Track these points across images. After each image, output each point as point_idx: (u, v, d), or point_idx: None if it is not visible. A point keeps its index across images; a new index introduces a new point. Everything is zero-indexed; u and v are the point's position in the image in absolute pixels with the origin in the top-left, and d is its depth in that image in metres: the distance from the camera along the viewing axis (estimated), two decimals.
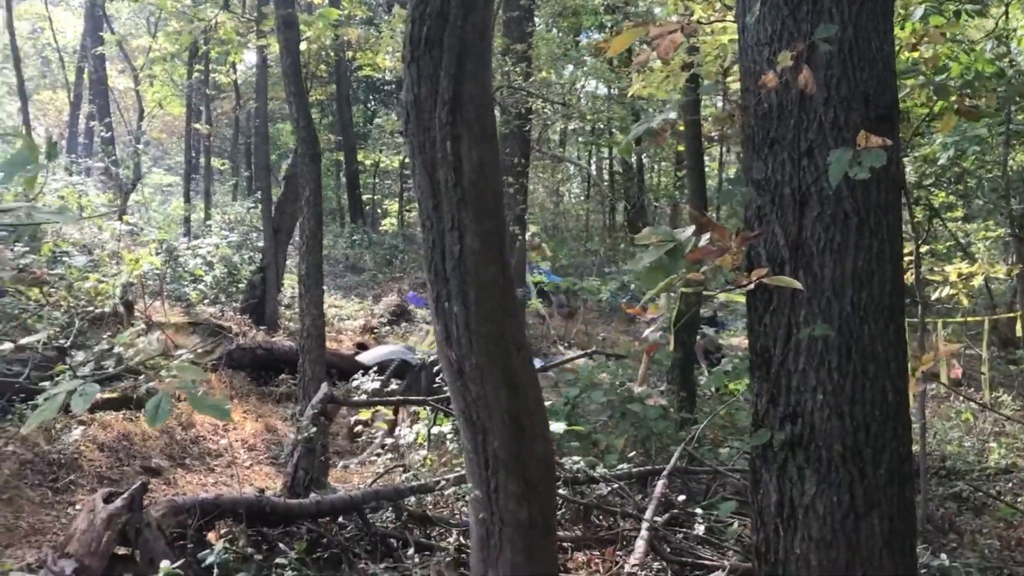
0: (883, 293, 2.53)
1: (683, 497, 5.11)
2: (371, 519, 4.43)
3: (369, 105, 26.90)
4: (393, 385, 6.07)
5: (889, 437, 2.54)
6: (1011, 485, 6.85)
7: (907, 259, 5.26)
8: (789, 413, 2.57)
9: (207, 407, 2.06)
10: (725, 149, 20.75)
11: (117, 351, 5.42)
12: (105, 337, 7.15)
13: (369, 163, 25.26)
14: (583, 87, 17.36)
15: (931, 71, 4.34)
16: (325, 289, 14.54)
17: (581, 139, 24.69)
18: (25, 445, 5.48)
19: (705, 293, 3.03)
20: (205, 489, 5.47)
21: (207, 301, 11.66)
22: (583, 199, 26.90)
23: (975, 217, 13.27)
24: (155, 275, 10.38)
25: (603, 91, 20.03)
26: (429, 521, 4.65)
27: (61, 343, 7.08)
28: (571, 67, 15.79)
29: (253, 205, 15.67)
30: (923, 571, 4.23)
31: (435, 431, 5.74)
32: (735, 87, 3.48)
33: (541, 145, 17.18)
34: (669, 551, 4.52)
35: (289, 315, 11.48)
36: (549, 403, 6.17)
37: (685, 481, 5.60)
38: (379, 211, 25.73)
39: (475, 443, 3.15)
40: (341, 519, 4.43)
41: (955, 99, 4.09)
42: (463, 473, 4.09)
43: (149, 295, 10.02)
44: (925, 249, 9.11)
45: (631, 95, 6.96)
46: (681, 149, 11.53)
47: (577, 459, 5.25)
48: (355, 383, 6.74)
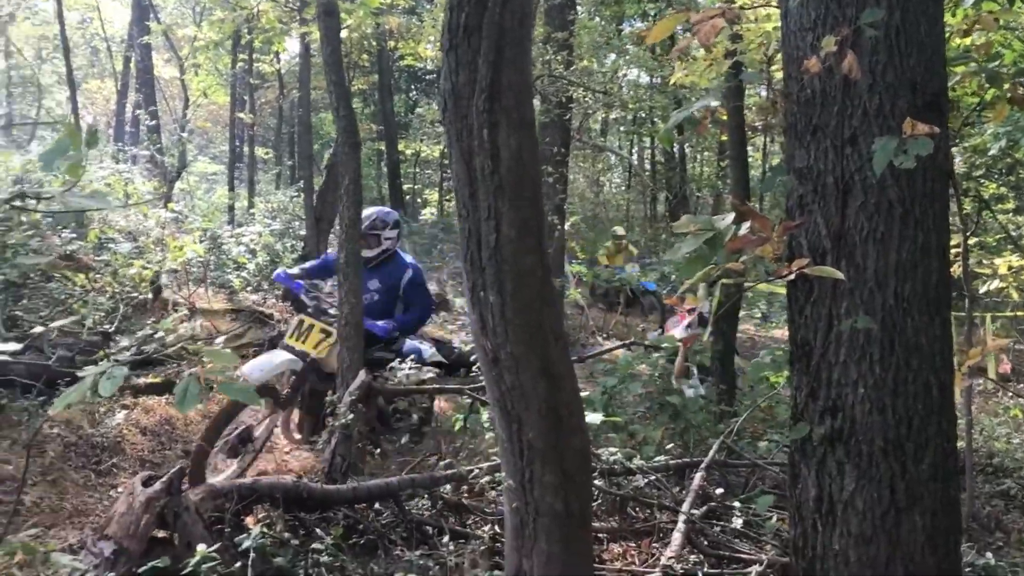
0: (928, 285, 2.47)
1: (721, 490, 5.06)
2: (407, 506, 4.44)
3: (411, 95, 27.01)
4: (430, 374, 6.09)
5: (933, 432, 2.48)
6: None
7: (955, 251, 5.14)
8: (829, 407, 2.52)
9: (235, 391, 2.09)
10: (769, 139, 20.48)
11: (159, 336, 5.49)
12: (149, 323, 7.26)
13: (410, 153, 25.35)
14: (625, 75, 17.22)
15: (983, 58, 4.23)
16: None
17: (623, 128, 24.54)
18: (69, 428, 5.58)
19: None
20: (244, 474, 5.52)
21: (250, 288, 11.78)
22: (624, 189, 26.76)
23: None
24: (199, 262, 10.51)
25: (645, 80, 19.87)
26: (465, 509, 4.65)
27: (105, 328, 7.20)
28: (613, 55, 15.67)
29: (296, 194, 15.80)
30: (968, 569, 4.14)
31: (471, 420, 5.74)
32: (780, 76, 3.42)
33: (582, 134, 17.10)
34: (706, 544, 4.47)
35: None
36: (586, 393, 6.15)
37: (724, 474, 5.54)
38: (419, 201, 25.83)
39: (510, 432, 3.13)
40: (377, 505, 4.45)
41: (1008, 87, 3.97)
42: (498, 463, 4.08)
43: (192, 282, 10.15)
44: (974, 241, 8.91)
45: (673, 83, 6.88)
46: (724, 139, 11.40)
47: (614, 450, 5.22)
48: (393, 371, 6.77)
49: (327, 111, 23.07)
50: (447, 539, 4.23)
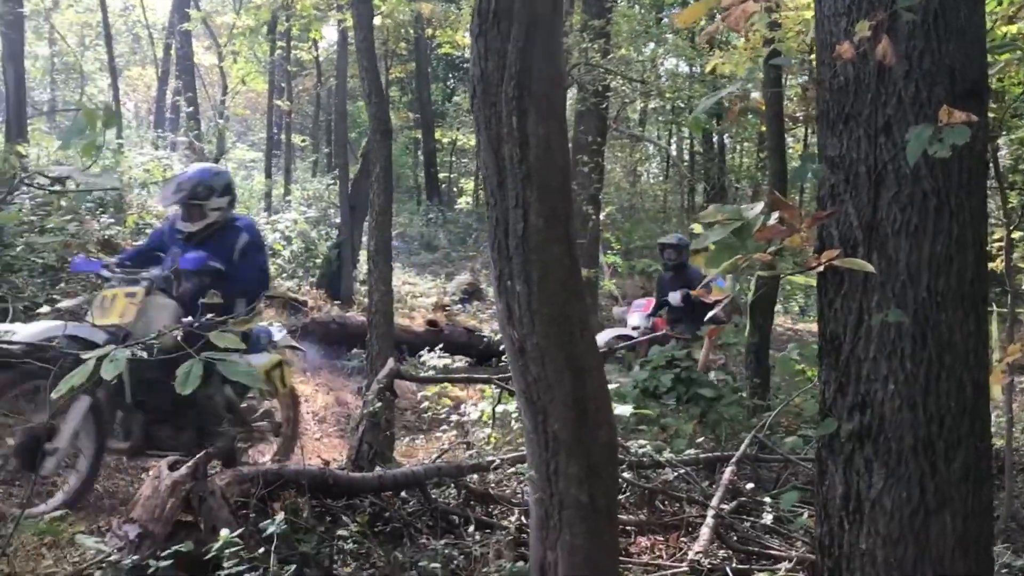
0: (963, 280, 2.39)
1: (752, 485, 5.00)
2: (433, 495, 4.44)
3: (448, 83, 27.04)
4: (459, 363, 6.09)
5: (965, 432, 2.40)
6: None
7: (998, 245, 5.01)
8: (858, 403, 2.45)
9: (239, 373, 2.13)
10: (810, 130, 20.18)
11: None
12: None
13: (447, 141, 25.41)
14: (663, 64, 17.07)
15: None
16: (400, 266, 14.71)
17: (661, 118, 24.33)
18: None
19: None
20: (271, 460, 5.56)
21: (285, 275, 11.88)
22: (662, 179, 26.56)
23: None
24: None
25: (684, 69, 19.68)
26: (490, 499, 4.63)
27: None
28: (652, 44, 15.53)
29: (332, 181, 15.90)
30: (1004, 571, 4.05)
31: (499, 409, 5.73)
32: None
33: (619, 124, 16.97)
34: (735, 539, 4.42)
35: (364, 291, 11.63)
36: (616, 385, 6.11)
37: (755, 469, 5.47)
38: (455, 189, 25.88)
39: (535, 423, 3.11)
40: (404, 494, 4.45)
41: None
42: (524, 453, 4.05)
43: None
44: (1018, 236, 8.71)
45: (709, 70, 6.79)
46: (764, 129, 11.26)
47: (643, 443, 5.18)
48: (422, 359, 6.80)
49: (363, 99, 23.21)
50: (472, 529, 4.22)
